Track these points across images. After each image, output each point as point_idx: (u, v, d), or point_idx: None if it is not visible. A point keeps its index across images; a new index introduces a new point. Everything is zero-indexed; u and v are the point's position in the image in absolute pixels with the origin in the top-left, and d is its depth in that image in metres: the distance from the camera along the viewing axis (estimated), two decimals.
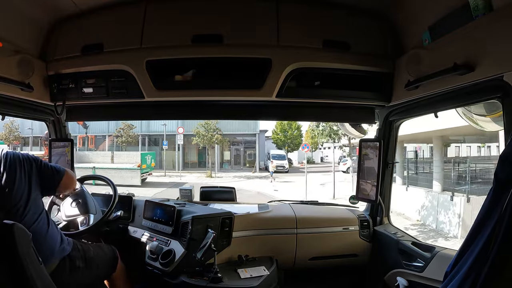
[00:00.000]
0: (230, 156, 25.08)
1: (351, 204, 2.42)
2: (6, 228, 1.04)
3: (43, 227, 1.46)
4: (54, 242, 1.50)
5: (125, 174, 15.97)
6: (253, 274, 1.85)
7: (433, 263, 1.65)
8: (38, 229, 1.42)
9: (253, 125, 23.54)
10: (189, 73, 1.82)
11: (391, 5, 1.70)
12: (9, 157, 1.43)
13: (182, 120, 20.27)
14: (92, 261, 1.66)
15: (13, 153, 1.47)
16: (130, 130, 22.78)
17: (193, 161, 24.20)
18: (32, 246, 1.12)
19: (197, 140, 20.45)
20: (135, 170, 16.62)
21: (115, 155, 20.16)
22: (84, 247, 1.68)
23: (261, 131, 24.83)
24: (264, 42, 1.73)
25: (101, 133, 24.05)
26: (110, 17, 1.81)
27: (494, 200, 0.79)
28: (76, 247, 1.62)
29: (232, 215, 2.01)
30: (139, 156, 18.09)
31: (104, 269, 1.77)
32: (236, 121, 21.12)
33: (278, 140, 24.76)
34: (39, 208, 1.48)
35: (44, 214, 1.50)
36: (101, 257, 1.74)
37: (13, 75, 1.63)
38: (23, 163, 1.46)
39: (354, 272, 2.26)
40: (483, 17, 1.19)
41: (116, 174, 15.36)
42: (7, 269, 1.05)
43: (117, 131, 22.60)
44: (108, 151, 22.36)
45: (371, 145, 2.09)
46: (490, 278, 0.74)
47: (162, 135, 22.25)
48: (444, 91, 1.47)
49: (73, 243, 1.62)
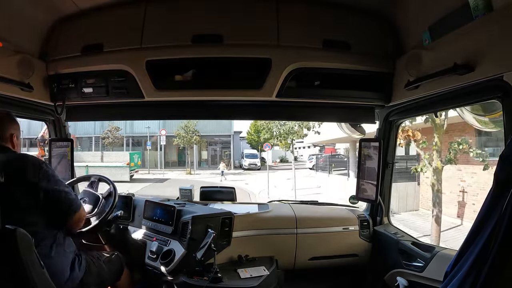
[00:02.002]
0: (207, 155, 27.50)
1: (351, 204, 2.42)
2: (9, 232, 1.04)
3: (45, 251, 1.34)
4: (60, 272, 1.37)
5: (115, 171, 17.29)
6: (253, 274, 1.85)
7: (433, 263, 1.65)
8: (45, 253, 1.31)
9: (229, 126, 25.98)
10: (189, 73, 1.82)
11: (391, 5, 1.70)
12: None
13: (164, 122, 23.23)
14: (103, 278, 1.63)
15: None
16: (117, 132, 24.15)
17: (174, 160, 26.27)
18: (34, 251, 1.11)
19: (177, 141, 22.61)
20: (124, 167, 18.56)
21: (104, 155, 21.90)
22: (98, 268, 1.60)
23: (235, 132, 27.33)
24: (264, 42, 1.74)
25: (87, 134, 25.45)
26: (110, 17, 1.81)
27: (494, 200, 0.79)
28: (89, 270, 1.52)
29: (232, 215, 2.01)
30: (127, 155, 20.22)
31: (110, 278, 1.75)
32: (213, 123, 24.29)
33: (252, 140, 27.10)
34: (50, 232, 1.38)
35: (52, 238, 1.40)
36: (112, 272, 1.72)
37: (13, 75, 1.63)
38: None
39: (354, 272, 2.26)
40: (483, 17, 1.19)
41: (107, 171, 15.89)
42: (9, 274, 1.05)
43: (105, 133, 23.87)
44: (95, 151, 24.10)
45: (371, 145, 2.09)
46: (490, 278, 0.74)
47: (145, 136, 24.63)
48: (444, 91, 1.47)
49: (85, 267, 1.51)
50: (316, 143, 21.28)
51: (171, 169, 24.21)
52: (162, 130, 22.78)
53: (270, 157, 27.67)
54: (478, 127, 2.34)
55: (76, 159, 9.27)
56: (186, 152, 24.65)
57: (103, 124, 24.21)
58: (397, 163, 4.62)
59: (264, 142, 17.52)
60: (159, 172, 22.08)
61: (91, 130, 25.40)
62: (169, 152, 26.07)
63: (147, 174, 21.64)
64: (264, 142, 17.52)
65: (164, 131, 22.63)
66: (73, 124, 24.81)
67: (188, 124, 22.21)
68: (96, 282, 1.58)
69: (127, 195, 2.36)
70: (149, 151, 23.45)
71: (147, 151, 23.46)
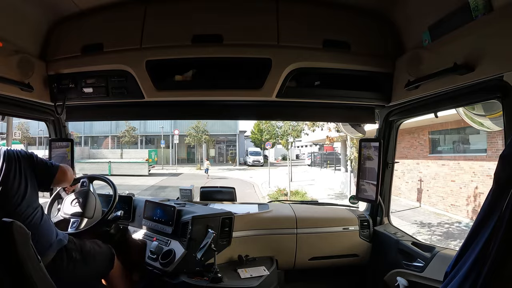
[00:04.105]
0: (214, 153, 30.67)
1: (351, 204, 2.42)
2: (5, 226, 1.04)
3: (38, 219, 1.50)
4: (50, 234, 1.54)
5: (135, 166, 20.66)
6: (253, 274, 1.85)
7: (433, 263, 1.66)
8: (34, 222, 1.47)
9: (234, 126, 29.37)
10: (189, 73, 1.82)
11: (391, 5, 1.70)
12: (5, 154, 1.45)
13: (175, 123, 26.73)
14: (89, 254, 1.67)
15: (9, 149, 1.50)
16: (133, 132, 27.65)
17: (183, 158, 29.55)
18: (31, 244, 1.12)
19: (189, 140, 26.00)
20: (143, 163, 21.60)
21: (124, 152, 25.83)
22: (79, 242, 1.70)
23: (240, 131, 30.46)
24: (264, 42, 1.73)
25: (104, 133, 29.30)
26: (110, 17, 1.81)
27: (494, 200, 0.79)
28: (72, 241, 1.65)
29: (232, 215, 2.01)
30: (144, 152, 24.41)
31: (101, 265, 1.77)
32: (219, 123, 27.85)
33: (255, 139, 28.72)
34: (35, 203, 1.52)
35: (39, 209, 1.54)
36: (97, 252, 1.75)
37: (13, 75, 1.63)
38: (19, 159, 1.50)
39: (354, 272, 2.26)
40: (483, 17, 1.19)
41: (128, 166, 20.61)
42: (6, 267, 1.05)
43: (122, 133, 27.44)
44: (111, 149, 28.12)
45: (371, 145, 2.09)
46: (490, 278, 0.74)
47: (157, 135, 28.18)
48: (444, 91, 1.47)
49: (69, 237, 1.65)
50: (315, 141, 22.11)
51: (182, 165, 27.03)
52: (175, 130, 25.85)
53: (273, 155, 30.69)
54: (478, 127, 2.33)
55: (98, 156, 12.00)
56: (195, 150, 27.96)
57: (118, 124, 27.53)
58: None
59: (266, 141, 19.86)
60: (172, 168, 25.06)
61: (107, 129, 29.00)
62: (179, 150, 28.93)
63: (161, 169, 24.12)
64: (266, 141, 19.86)
65: (177, 130, 25.59)
66: (89, 124, 27.61)
67: (198, 124, 25.27)
68: (78, 250, 1.63)
69: (127, 195, 2.36)
70: (162, 149, 26.28)
71: (161, 149, 26.21)
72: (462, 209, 8.35)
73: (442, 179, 9.14)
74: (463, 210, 8.31)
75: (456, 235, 7.20)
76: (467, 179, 8.23)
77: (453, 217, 8.55)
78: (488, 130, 2.09)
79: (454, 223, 8.20)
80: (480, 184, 7.79)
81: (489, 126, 1.97)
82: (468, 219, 8.01)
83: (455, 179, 8.67)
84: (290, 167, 14.93)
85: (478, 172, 7.89)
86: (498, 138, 7.20)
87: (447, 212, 8.84)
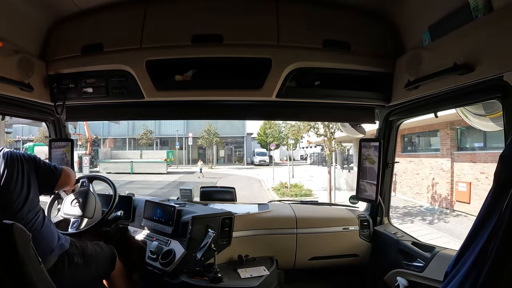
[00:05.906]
0: (224, 154, 33.35)
1: (351, 204, 2.42)
2: (6, 228, 1.04)
3: (40, 224, 1.48)
4: (52, 239, 1.51)
5: (154, 165, 23.44)
6: (253, 274, 1.85)
7: (433, 263, 1.66)
8: (36, 227, 1.44)
9: (242, 128, 32.36)
10: (189, 73, 1.82)
11: (391, 5, 1.70)
12: (8, 156, 1.43)
13: (189, 126, 30.38)
14: (90, 258, 1.66)
15: (12, 152, 1.48)
16: (150, 134, 30.81)
17: (195, 158, 31.30)
18: (31, 246, 1.12)
19: (201, 141, 29.01)
20: (161, 162, 24.36)
21: (143, 153, 28.53)
22: (82, 245, 1.68)
23: (248, 133, 33.34)
24: (264, 42, 1.73)
25: (121, 136, 32.34)
26: (110, 17, 1.81)
27: (494, 200, 0.79)
28: (74, 244, 1.63)
29: (232, 215, 2.01)
30: (162, 153, 27.40)
31: (102, 267, 1.77)
32: (228, 126, 30.56)
33: (262, 141, 31.42)
34: (36, 207, 1.49)
35: (41, 212, 1.52)
36: (99, 254, 1.74)
37: (13, 75, 1.63)
38: (22, 162, 1.47)
39: (354, 272, 2.26)
40: (483, 17, 1.19)
41: (148, 165, 23.52)
42: (7, 269, 1.05)
43: (140, 136, 30.73)
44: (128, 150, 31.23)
45: (371, 145, 2.09)
46: (491, 278, 0.74)
47: (171, 137, 31.17)
48: (444, 91, 1.47)
49: (71, 240, 1.63)
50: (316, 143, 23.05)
51: (194, 165, 28.77)
52: (189, 133, 29.14)
53: (278, 155, 33.53)
54: (478, 127, 2.34)
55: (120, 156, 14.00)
56: (206, 151, 30.89)
57: (134, 126, 31.32)
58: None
59: (270, 143, 22.52)
60: (185, 167, 28.40)
61: (125, 132, 32.22)
62: (191, 151, 31.76)
63: (176, 168, 27.26)
64: (270, 143, 22.52)
65: (191, 133, 28.85)
66: (107, 127, 30.51)
67: (210, 127, 28.36)
68: (80, 254, 1.62)
69: (127, 195, 2.36)
70: (177, 150, 29.21)
71: (175, 150, 29.06)
72: (424, 196, 10.65)
73: (410, 173, 11.45)
74: (425, 197, 10.61)
75: (414, 214, 9.70)
76: (427, 172, 10.46)
77: (417, 202, 10.89)
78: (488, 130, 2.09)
79: (416, 206, 10.55)
80: (436, 176, 10.00)
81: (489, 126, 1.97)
82: (428, 204, 10.35)
83: (419, 172, 10.93)
84: (292, 165, 16.76)
85: (435, 167, 10.07)
86: (448, 139, 9.40)
87: (413, 199, 11.17)
